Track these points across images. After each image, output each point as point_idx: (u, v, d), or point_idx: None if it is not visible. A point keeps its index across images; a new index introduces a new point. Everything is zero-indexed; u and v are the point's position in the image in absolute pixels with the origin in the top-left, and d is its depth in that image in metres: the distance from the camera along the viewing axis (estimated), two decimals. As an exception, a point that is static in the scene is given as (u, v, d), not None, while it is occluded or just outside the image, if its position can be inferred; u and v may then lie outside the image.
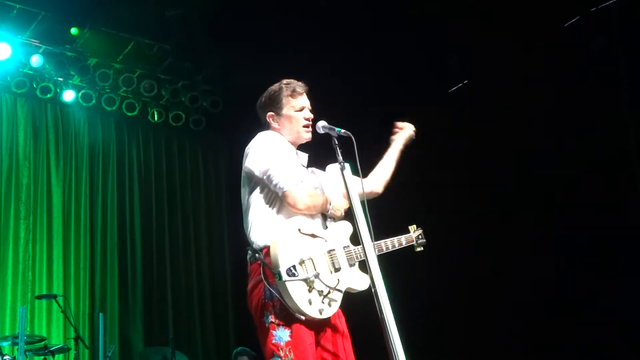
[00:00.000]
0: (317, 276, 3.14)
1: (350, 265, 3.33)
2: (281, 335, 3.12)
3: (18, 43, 8.59)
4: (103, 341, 7.29)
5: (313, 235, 3.30)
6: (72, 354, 7.22)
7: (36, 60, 8.70)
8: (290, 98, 3.55)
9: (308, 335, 3.17)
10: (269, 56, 8.33)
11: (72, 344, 7.21)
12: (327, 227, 3.41)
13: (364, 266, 3.24)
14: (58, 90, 9.21)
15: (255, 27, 8.19)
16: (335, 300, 3.19)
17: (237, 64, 9.21)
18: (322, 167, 3.65)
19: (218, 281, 10.21)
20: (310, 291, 3.12)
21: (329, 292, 3.17)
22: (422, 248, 3.92)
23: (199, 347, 9.72)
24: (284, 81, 3.62)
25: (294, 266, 3.12)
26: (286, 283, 3.06)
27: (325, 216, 3.42)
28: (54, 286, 8.66)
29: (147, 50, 9.40)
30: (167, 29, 8.91)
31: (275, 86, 3.62)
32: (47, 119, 9.37)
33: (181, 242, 10.10)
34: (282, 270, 3.07)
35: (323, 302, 3.13)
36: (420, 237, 3.91)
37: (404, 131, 3.90)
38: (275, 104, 3.58)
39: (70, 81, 9.27)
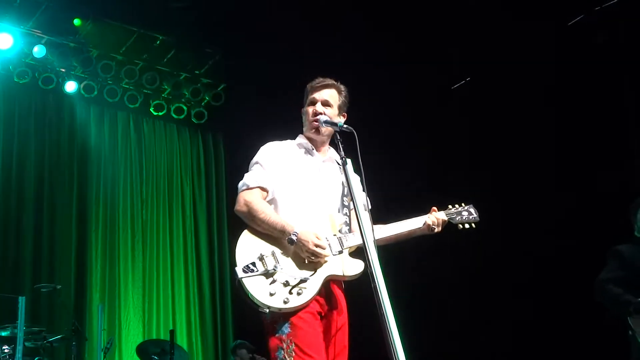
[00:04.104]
0: (276, 268, 3.20)
1: (336, 253, 3.33)
2: (282, 328, 3.17)
3: (20, 33, 8.59)
4: (102, 333, 7.30)
5: None
6: (70, 345, 7.22)
7: (38, 50, 8.70)
8: (309, 94, 3.60)
9: (308, 324, 3.19)
10: (272, 50, 8.32)
11: (71, 335, 7.22)
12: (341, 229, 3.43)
13: (360, 253, 3.24)
14: (60, 81, 9.21)
15: (258, 20, 8.17)
16: (306, 288, 3.20)
17: (240, 57, 9.20)
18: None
19: (217, 274, 10.22)
20: (272, 283, 3.17)
21: (299, 282, 3.20)
22: (467, 226, 3.73)
23: (198, 340, 9.74)
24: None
25: (253, 263, 3.20)
26: (243, 280, 3.15)
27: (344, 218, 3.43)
28: (55, 277, 8.66)
29: (150, 43, 9.39)
30: (170, 21, 8.89)
31: None
32: (48, 110, 9.36)
33: (181, 234, 10.11)
34: (239, 269, 3.18)
35: (291, 292, 3.17)
36: (459, 214, 3.72)
37: (433, 225, 3.62)
38: (304, 101, 3.64)
39: (73, 72, 9.26)
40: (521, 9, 7.03)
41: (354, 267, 3.33)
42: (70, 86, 9.24)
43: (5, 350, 6.31)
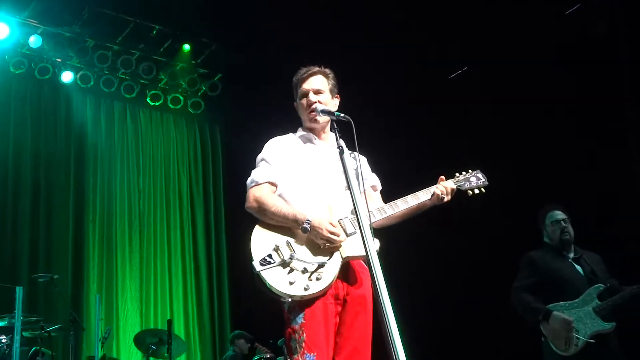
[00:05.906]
0: (293, 257, 3.22)
1: (349, 234, 3.34)
2: (296, 318, 3.21)
3: (16, 23, 8.56)
4: (99, 323, 7.30)
5: None
6: (68, 334, 7.23)
7: (34, 40, 8.67)
8: (298, 87, 3.61)
9: (323, 316, 3.22)
10: (269, 40, 8.30)
11: (68, 325, 7.22)
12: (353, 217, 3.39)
13: (376, 231, 3.22)
14: (56, 71, 9.19)
15: (255, 11, 8.15)
16: (325, 272, 3.23)
17: (237, 47, 9.18)
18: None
19: (215, 264, 10.23)
20: (290, 272, 3.20)
21: (318, 267, 3.22)
22: (477, 191, 3.70)
23: (195, 330, 9.76)
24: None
25: (269, 255, 3.22)
26: (261, 273, 3.17)
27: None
28: (52, 267, 8.66)
29: (147, 32, 9.37)
30: (166, 11, 8.86)
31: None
32: (45, 100, 9.34)
33: (178, 224, 10.12)
34: (255, 263, 3.19)
35: (310, 279, 3.19)
36: (467, 180, 3.70)
37: (442, 194, 3.54)
38: (295, 95, 3.66)
39: (69, 62, 9.24)
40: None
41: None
42: (67, 76, 9.23)
43: (3, 340, 6.32)
